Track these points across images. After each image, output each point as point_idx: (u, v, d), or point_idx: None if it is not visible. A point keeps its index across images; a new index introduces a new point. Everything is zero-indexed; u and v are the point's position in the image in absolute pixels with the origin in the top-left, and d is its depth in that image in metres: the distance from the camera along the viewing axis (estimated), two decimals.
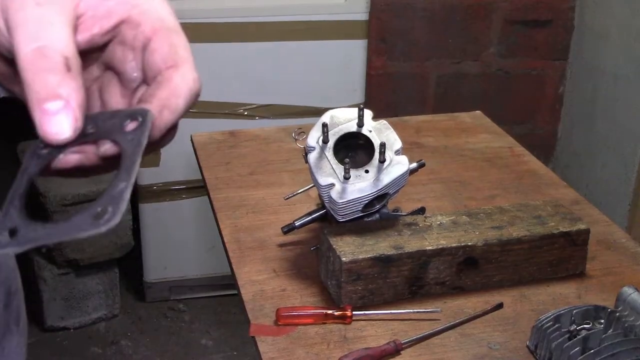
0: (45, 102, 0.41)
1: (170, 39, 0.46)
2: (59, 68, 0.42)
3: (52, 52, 0.42)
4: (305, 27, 2.33)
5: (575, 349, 0.96)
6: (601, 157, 2.64)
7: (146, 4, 0.46)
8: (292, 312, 1.07)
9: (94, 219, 0.41)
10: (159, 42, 0.46)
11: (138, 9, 0.46)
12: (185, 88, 0.45)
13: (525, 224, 1.16)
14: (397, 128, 1.15)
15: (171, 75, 0.45)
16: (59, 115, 0.42)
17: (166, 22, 0.46)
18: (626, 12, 2.46)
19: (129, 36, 0.47)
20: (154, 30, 0.46)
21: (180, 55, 0.46)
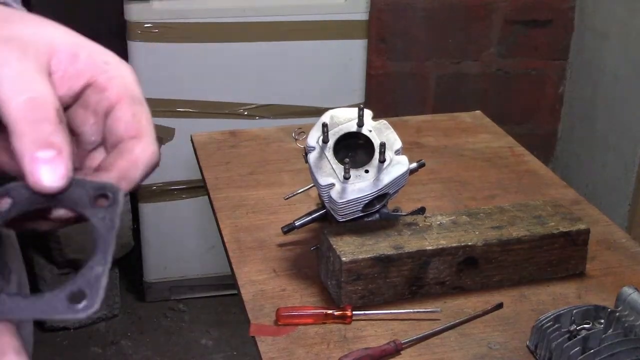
0: (39, 151, 0.41)
1: (134, 109, 0.46)
2: (52, 118, 0.42)
3: (44, 102, 0.42)
4: (305, 27, 2.33)
5: (575, 349, 0.96)
6: (601, 157, 2.64)
7: (115, 70, 0.47)
8: (292, 312, 1.07)
9: (70, 302, 0.40)
10: (123, 111, 0.46)
11: (106, 75, 0.46)
12: (145, 160, 0.45)
13: (525, 224, 1.16)
14: (397, 128, 1.15)
15: (133, 146, 0.45)
16: (52, 164, 0.41)
17: (131, 91, 0.47)
18: (626, 12, 2.46)
19: (92, 100, 0.47)
20: (119, 98, 0.46)
21: (142, 126, 0.46)
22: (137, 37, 2.26)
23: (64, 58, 0.46)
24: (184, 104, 2.36)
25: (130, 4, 2.24)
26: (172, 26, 2.27)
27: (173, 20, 2.27)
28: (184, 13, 2.27)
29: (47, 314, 0.41)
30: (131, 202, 2.47)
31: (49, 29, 0.46)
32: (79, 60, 0.46)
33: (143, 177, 0.46)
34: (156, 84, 2.32)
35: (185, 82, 2.35)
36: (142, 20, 2.25)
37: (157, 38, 2.27)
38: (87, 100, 0.47)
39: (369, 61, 2.48)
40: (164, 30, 2.27)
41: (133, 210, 2.49)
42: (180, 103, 2.35)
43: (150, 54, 2.28)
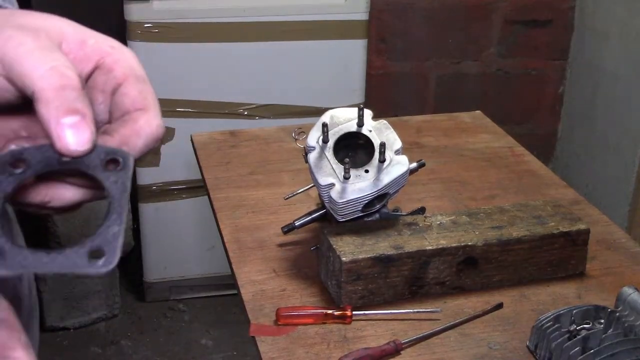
0: (65, 116, 0.43)
1: (140, 86, 0.49)
2: (76, 85, 0.44)
3: (68, 70, 0.44)
4: (305, 27, 2.33)
5: (575, 349, 0.96)
6: (601, 157, 2.64)
7: (119, 53, 0.49)
8: (292, 312, 1.07)
9: (91, 258, 0.42)
10: (129, 87, 0.48)
11: (111, 57, 0.49)
12: (148, 130, 0.47)
13: (525, 224, 1.16)
14: (397, 128, 1.15)
15: (138, 116, 0.47)
16: (77, 128, 0.43)
17: (136, 71, 0.49)
18: (626, 12, 2.46)
19: (100, 80, 0.49)
20: (125, 76, 0.48)
21: (148, 100, 0.48)
22: (137, 37, 2.26)
23: (73, 43, 0.48)
24: (184, 104, 2.36)
25: (130, 4, 2.24)
26: (172, 26, 2.27)
27: (173, 20, 2.27)
28: (184, 13, 2.27)
29: (69, 269, 0.42)
30: (131, 202, 2.47)
31: (55, 20, 0.49)
32: (87, 45, 0.48)
33: (145, 148, 0.47)
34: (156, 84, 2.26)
35: (185, 82, 2.35)
36: (142, 20, 2.25)
37: (157, 38, 2.27)
38: (95, 81, 0.49)
39: (369, 61, 2.48)
40: (164, 30, 2.27)
41: (133, 210, 2.49)
42: (180, 103, 2.35)
43: (150, 54, 2.27)
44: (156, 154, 2.41)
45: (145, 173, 2.43)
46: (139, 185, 2.44)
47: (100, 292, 2.48)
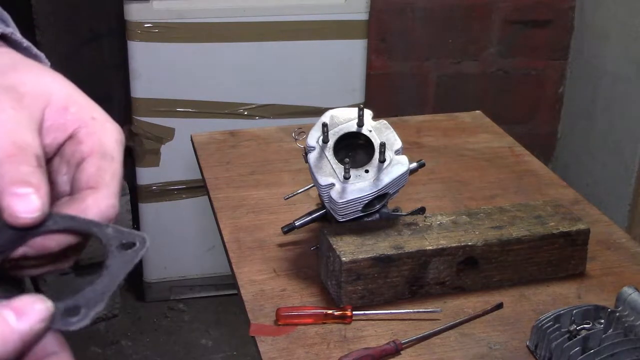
0: (16, 187, 0.43)
1: (100, 163, 0.48)
2: (32, 162, 0.44)
3: (28, 148, 0.45)
4: (305, 27, 2.33)
5: (575, 349, 0.96)
6: (601, 157, 2.64)
7: (97, 126, 0.49)
8: (292, 312, 1.07)
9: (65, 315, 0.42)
10: (89, 163, 0.48)
11: (87, 129, 0.49)
12: (95, 211, 0.47)
13: (525, 224, 1.16)
14: (397, 128, 1.15)
15: (86, 195, 0.47)
16: (27, 198, 0.43)
17: (105, 147, 0.48)
18: (626, 12, 2.46)
19: (68, 151, 0.49)
20: (91, 151, 0.48)
21: (104, 179, 0.47)
22: (137, 37, 2.26)
23: (55, 109, 0.48)
24: (184, 104, 2.36)
25: (130, 4, 2.24)
26: (172, 26, 2.27)
27: (173, 20, 2.27)
28: (184, 13, 2.27)
29: None
30: (131, 202, 2.47)
31: (48, 79, 0.49)
32: (68, 113, 0.48)
33: None
34: (156, 84, 2.32)
35: (185, 82, 2.35)
36: (142, 20, 2.25)
37: (157, 38, 2.27)
38: (65, 151, 0.49)
39: (369, 61, 2.48)
40: (164, 30, 2.27)
41: (133, 210, 2.49)
42: (180, 103, 2.35)
43: (150, 54, 2.28)
44: (156, 154, 2.41)
45: (145, 173, 2.43)
46: (139, 185, 2.44)
47: None
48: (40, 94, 0.48)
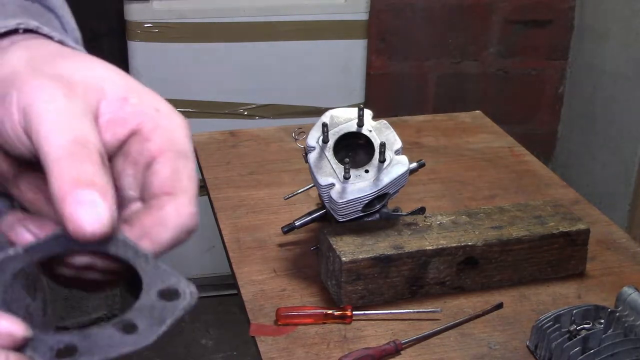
0: (79, 189, 0.37)
1: (176, 164, 0.41)
2: (96, 159, 0.38)
3: (90, 143, 0.38)
4: (305, 27, 2.33)
5: (575, 349, 0.96)
6: (601, 157, 2.64)
7: (163, 119, 0.42)
8: (292, 312, 1.07)
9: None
10: (163, 165, 0.41)
11: (152, 124, 0.42)
12: (177, 221, 0.40)
13: (525, 224, 1.16)
14: (397, 128, 1.15)
15: (165, 203, 0.40)
16: (94, 206, 0.37)
17: (177, 145, 0.42)
18: (626, 12, 2.46)
19: (134, 150, 0.42)
20: (161, 150, 0.41)
21: (181, 183, 0.41)
22: (137, 37, 2.26)
23: (113, 101, 0.41)
24: (184, 104, 2.36)
25: (130, 4, 2.24)
26: (172, 26, 2.27)
27: (173, 20, 2.27)
28: (184, 13, 2.27)
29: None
30: None
31: (101, 70, 0.43)
32: (127, 105, 0.42)
33: (173, 241, 0.41)
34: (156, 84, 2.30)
35: (185, 82, 2.35)
36: (142, 20, 2.25)
37: (157, 38, 2.27)
38: (129, 149, 0.42)
39: (369, 61, 2.47)
40: (164, 30, 2.27)
41: None
42: (180, 103, 2.35)
43: (150, 54, 2.28)
44: None
45: None
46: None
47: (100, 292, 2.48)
48: (95, 84, 0.41)
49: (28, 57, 0.42)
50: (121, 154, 0.42)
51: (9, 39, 0.45)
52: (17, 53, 0.42)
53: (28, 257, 0.39)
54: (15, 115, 0.39)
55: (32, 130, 0.38)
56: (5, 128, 0.40)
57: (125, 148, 0.42)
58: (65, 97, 0.39)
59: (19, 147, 0.40)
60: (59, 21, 0.53)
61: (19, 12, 0.48)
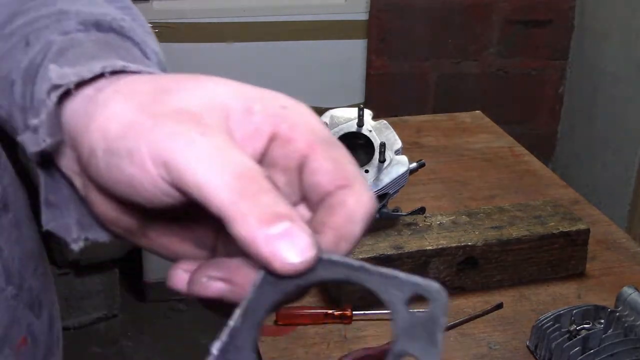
0: (269, 226, 0.33)
1: (332, 154, 0.38)
2: (268, 186, 0.35)
3: (251, 172, 0.35)
4: (305, 27, 2.33)
5: (575, 349, 0.96)
6: (601, 157, 2.64)
7: (294, 114, 0.38)
8: (292, 312, 1.07)
9: None
10: (320, 160, 0.38)
11: (287, 123, 0.38)
12: (362, 211, 0.37)
13: (525, 224, 1.16)
14: (397, 128, 1.15)
15: (345, 197, 0.37)
16: (290, 237, 0.34)
17: (321, 135, 0.38)
18: (626, 12, 2.46)
19: (278, 156, 0.38)
20: (310, 146, 0.38)
21: (349, 172, 0.38)
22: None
23: (239, 117, 0.38)
24: None
25: None
26: (172, 26, 2.27)
27: (173, 20, 2.27)
28: (184, 13, 2.27)
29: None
30: None
31: (211, 87, 0.39)
32: (254, 115, 0.38)
33: (363, 231, 0.38)
34: None
35: None
36: None
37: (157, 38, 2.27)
38: (272, 157, 0.39)
39: (369, 61, 2.48)
40: (164, 30, 2.27)
41: None
42: None
43: None
44: None
45: None
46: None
47: (100, 292, 2.48)
48: (214, 107, 0.38)
49: (132, 103, 0.37)
50: (267, 165, 0.39)
51: (93, 85, 0.40)
52: (117, 101, 0.38)
53: (251, 321, 0.35)
54: (154, 171, 0.36)
55: (186, 183, 0.35)
56: (143, 186, 0.37)
57: (269, 158, 0.39)
58: (202, 134, 0.36)
59: (163, 200, 0.37)
60: (138, 48, 0.49)
61: (98, 50, 0.44)
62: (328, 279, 0.36)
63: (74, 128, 0.39)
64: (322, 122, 0.40)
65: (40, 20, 0.47)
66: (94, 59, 0.41)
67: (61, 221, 0.43)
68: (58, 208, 0.43)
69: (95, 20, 0.47)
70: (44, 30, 0.46)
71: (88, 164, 0.38)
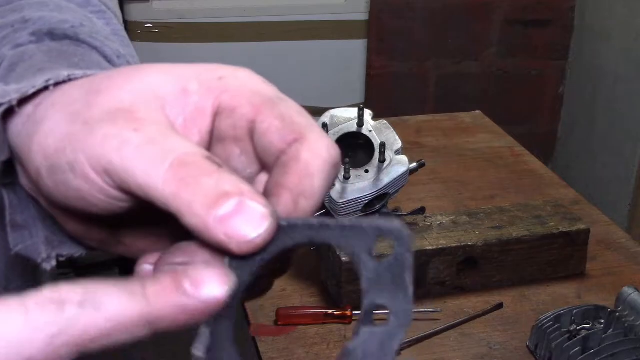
0: (216, 208, 0.32)
1: (279, 111, 0.36)
2: (210, 168, 0.33)
3: (192, 157, 0.33)
4: (305, 27, 2.33)
5: (575, 349, 0.96)
6: (601, 157, 2.64)
7: (233, 81, 0.37)
8: (292, 312, 1.07)
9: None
10: (267, 120, 0.36)
11: (228, 93, 0.37)
12: (318, 162, 0.35)
13: (525, 224, 1.16)
14: (397, 128, 1.15)
15: (297, 152, 0.35)
16: (241, 212, 0.32)
17: (265, 94, 0.37)
18: (626, 12, 2.46)
19: (226, 127, 0.37)
20: (256, 109, 0.36)
21: (299, 124, 0.36)
22: (137, 37, 2.26)
23: (175, 101, 0.36)
24: None
25: (130, 4, 2.24)
26: (172, 26, 2.27)
27: (173, 20, 2.27)
28: (184, 13, 2.27)
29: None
30: None
31: (141, 78, 0.37)
32: (190, 94, 0.36)
33: (326, 184, 0.35)
34: None
35: None
36: (142, 20, 2.25)
37: (157, 38, 2.27)
38: (221, 130, 0.37)
39: (369, 61, 2.47)
40: (164, 30, 2.27)
41: None
42: None
43: (150, 54, 2.27)
44: None
45: None
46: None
47: None
48: (147, 97, 0.36)
49: (66, 113, 0.36)
50: (218, 141, 0.38)
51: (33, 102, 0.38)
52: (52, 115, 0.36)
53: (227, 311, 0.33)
54: (98, 180, 0.35)
55: (129, 185, 0.34)
56: (93, 196, 0.35)
57: (218, 133, 0.37)
58: (135, 130, 0.34)
59: (119, 205, 0.36)
60: (98, 52, 0.47)
61: (47, 61, 0.42)
62: (291, 245, 0.33)
63: (19, 150, 0.38)
64: (262, 80, 0.38)
65: (3, 30, 0.46)
66: (40, 72, 0.40)
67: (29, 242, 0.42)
68: (26, 229, 0.42)
69: (49, 28, 0.45)
70: (2, 42, 0.45)
71: (37, 184, 0.37)
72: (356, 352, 0.32)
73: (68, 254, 0.43)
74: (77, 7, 0.50)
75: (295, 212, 0.35)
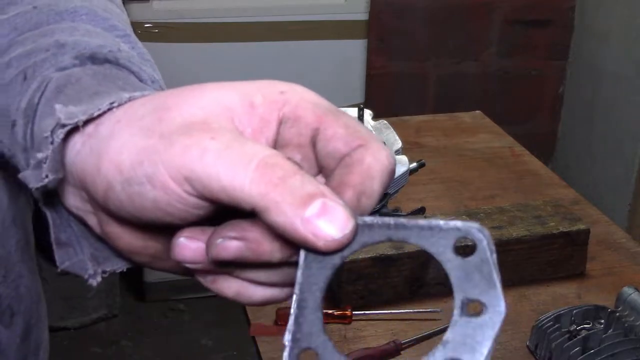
0: (304, 208, 0.34)
1: (342, 121, 0.39)
2: (293, 169, 0.35)
3: (274, 158, 0.35)
4: (305, 27, 2.33)
5: (575, 349, 0.96)
6: (601, 157, 2.64)
7: (294, 95, 0.40)
8: None
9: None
10: (332, 127, 0.39)
11: (290, 105, 0.39)
12: (379, 167, 0.38)
13: (525, 224, 1.16)
14: (397, 128, 1.15)
15: (362, 155, 0.38)
16: (326, 213, 0.34)
17: (326, 107, 0.40)
18: (626, 12, 2.47)
19: (291, 136, 0.40)
20: (319, 118, 0.39)
21: (362, 133, 0.39)
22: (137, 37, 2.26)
23: (243, 113, 0.39)
24: None
25: (130, 4, 2.24)
26: (172, 26, 2.27)
27: (173, 20, 2.27)
28: (184, 13, 2.27)
29: None
30: None
31: (209, 94, 0.39)
32: (256, 107, 0.39)
33: (382, 188, 0.38)
34: None
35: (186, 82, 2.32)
36: (142, 20, 2.25)
37: (157, 38, 2.27)
38: (284, 138, 0.40)
39: (369, 61, 2.48)
40: (164, 30, 2.27)
41: None
42: None
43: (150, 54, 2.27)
44: None
45: None
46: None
47: (100, 292, 2.48)
48: (218, 110, 0.38)
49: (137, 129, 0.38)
50: (280, 148, 0.40)
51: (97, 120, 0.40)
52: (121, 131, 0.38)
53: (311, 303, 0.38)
54: (178, 189, 0.36)
55: (212, 191, 0.36)
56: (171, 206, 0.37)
57: (281, 141, 0.40)
58: (212, 139, 0.36)
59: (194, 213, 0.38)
60: (135, 76, 0.49)
61: (97, 84, 0.44)
62: (370, 243, 0.36)
63: (80, 168, 0.39)
64: (319, 96, 0.41)
65: (38, 54, 0.47)
66: (97, 95, 0.42)
67: (75, 259, 0.44)
68: (70, 246, 0.44)
69: (91, 52, 0.47)
70: (41, 65, 0.46)
71: (106, 199, 0.38)
72: (455, 339, 0.35)
73: (112, 270, 0.44)
74: (104, 32, 0.52)
75: (357, 209, 0.37)
